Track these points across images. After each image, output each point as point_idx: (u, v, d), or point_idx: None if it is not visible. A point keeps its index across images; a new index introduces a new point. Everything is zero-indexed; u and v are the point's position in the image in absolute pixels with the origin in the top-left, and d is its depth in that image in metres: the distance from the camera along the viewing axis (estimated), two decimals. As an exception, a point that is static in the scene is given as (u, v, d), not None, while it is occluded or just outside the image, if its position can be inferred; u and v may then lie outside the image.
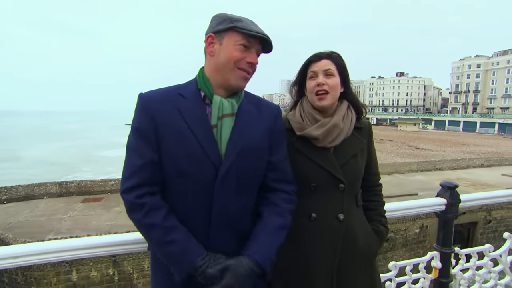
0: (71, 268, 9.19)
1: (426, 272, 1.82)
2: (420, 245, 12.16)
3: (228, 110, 1.05)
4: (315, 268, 1.22)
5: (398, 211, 1.68)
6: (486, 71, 76.92)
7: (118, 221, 11.78)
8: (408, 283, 1.78)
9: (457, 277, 1.89)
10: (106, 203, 13.84)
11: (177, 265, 0.98)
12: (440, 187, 1.84)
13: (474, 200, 1.89)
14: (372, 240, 1.31)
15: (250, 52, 1.04)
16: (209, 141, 1.02)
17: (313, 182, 1.25)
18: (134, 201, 0.99)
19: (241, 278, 0.95)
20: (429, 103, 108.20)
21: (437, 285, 1.83)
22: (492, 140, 43.23)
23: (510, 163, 22.23)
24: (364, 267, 1.28)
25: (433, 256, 1.81)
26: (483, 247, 1.98)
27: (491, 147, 33.84)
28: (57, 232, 10.15)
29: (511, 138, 47.19)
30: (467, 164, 21.23)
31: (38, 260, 1.15)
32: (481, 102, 78.13)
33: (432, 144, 37.83)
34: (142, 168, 1.00)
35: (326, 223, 1.24)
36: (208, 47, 1.05)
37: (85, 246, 1.20)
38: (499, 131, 56.12)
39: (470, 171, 19.81)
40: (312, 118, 1.29)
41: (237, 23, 1.01)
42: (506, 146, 35.53)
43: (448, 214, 1.76)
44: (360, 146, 1.33)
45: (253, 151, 1.08)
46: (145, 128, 1.02)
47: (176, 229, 0.99)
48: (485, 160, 22.46)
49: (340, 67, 1.29)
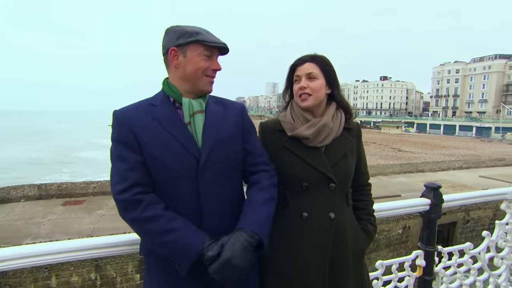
0: (50, 274, 8.82)
1: (411, 271, 1.86)
2: (403, 245, 12.43)
3: (198, 108, 1.15)
4: (307, 265, 1.23)
5: (385, 211, 1.71)
6: (464, 77, 79.77)
7: (101, 224, 11.46)
8: (394, 281, 1.82)
9: (439, 274, 1.95)
10: (88, 206, 13.45)
11: (182, 253, 1.00)
12: (424, 188, 1.89)
13: (456, 200, 1.95)
14: (361, 238, 1.34)
15: (212, 60, 1.15)
16: (185, 136, 1.11)
17: (305, 181, 1.27)
18: (130, 198, 1.01)
19: (237, 251, 0.99)
20: (411, 106, 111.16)
21: (421, 282, 1.87)
22: (470, 143, 44.79)
23: (486, 165, 23.06)
24: (354, 264, 1.31)
25: (417, 254, 1.86)
26: (464, 245, 2.04)
27: (469, 150, 35.06)
28: (35, 237, 9.74)
29: (487, 141, 49.05)
30: (447, 166, 21.87)
31: (15, 265, 1.11)
32: (460, 106, 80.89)
33: (414, 146, 38.83)
34: (130, 171, 1.05)
35: (317, 222, 1.26)
36: (173, 60, 1.13)
37: (66, 249, 1.17)
38: (476, 134, 58.22)
39: (450, 173, 20.40)
40: (303, 119, 1.32)
41: (198, 36, 1.10)
42: (482, 148, 36.88)
43: (432, 214, 1.81)
44: (350, 146, 1.35)
45: (225, 140, 1.17)
46: (125, 138, 1.08)
47: (177, 218, 1.04)
48: (463, 163, 23.22)
49: (324, 69, 1.32)
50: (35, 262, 1.14)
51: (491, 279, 2.17)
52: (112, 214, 12.60)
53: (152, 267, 1.12)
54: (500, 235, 2.15)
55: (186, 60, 1.12)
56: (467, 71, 79.42)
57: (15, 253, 1.11)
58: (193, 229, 1.05)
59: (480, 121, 61.52)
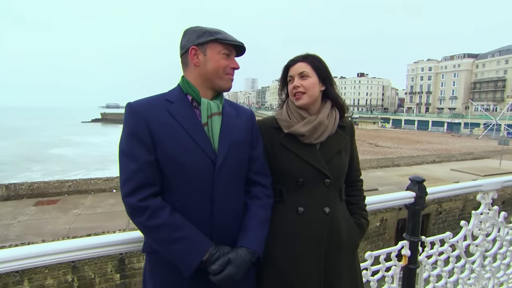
0: (22, 278, 8.41)
1: (397, 260, 1.94)
2: (380, 237, 12.90)
3: (215, 110, 1.16)
4: (304, 258, 1.27)
5: (374, 204, 1.77)
6: (436, 74, 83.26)
7: (77, 224, 11.07)
8: (382, 271, 1.89)
9: (423, 263, 2.04)
10: (63, 205, 12.94)
11: (185, 262, 1.02)
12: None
13: (439, 193, 2.04)
14: (355, 232, 1.38)
15: (231, 59, 1.18)
16: (202, 137, 1.12)
17: (300, 177, 1.30)
18: (137, 204, 1.01)
19: (240, 270, 1.07)
20: (387, 102, 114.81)
21: (406, 271, 1.96)
22: (442, 138, 46.94)
23: (457, 159, 24.33)
24: (347, 257, 1.35)
25: (403, 245, 1.94)
26: (444, 235, 2.16)
27: (441, 145, 36.77)
28: (4, 240, 9.22)
29: (457, 136, 51.61)
30: (421, 161, 22.88)
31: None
32: (433, 102, 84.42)
33: (390, 142, 40.19)
34: (137, 171, 1.03)
35: (313, 216, 1.29)
36: (193, 58, 1.15)
37: (43, 252, 1.09)
38: (448, 129, 61.04)
39: (423, 166, 21.36)
40: (299, 116, 1.35)
41: (218, 35, 1.13)
42: (453, 143, 38.79)
43: (417, 206, 1.90)
44: (344, 143, 1.40)
45: (239, 145, 1.20)
46: (140, 132, 1.06)
47: (182, 226, 1.04)
48: (436, 157, 24.36)
49: (315, 67, 1.35)
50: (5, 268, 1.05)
51: (467, 265, 2.30)
52: (89, 213, 12.20)
53: (155, 265, 1.12)
54: (476, 224, 2.28)
55: (206, 58, 1.14)
56: (439, 69, 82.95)
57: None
58: (198, 238, 1.05)
59: (450, 117, 64.51)
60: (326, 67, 1.38)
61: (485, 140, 42.59)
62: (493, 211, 2.34)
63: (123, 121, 1.11)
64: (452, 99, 79.98)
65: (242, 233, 1.15)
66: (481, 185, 2.24)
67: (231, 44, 1.16)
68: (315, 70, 1.35)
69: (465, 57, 78.22)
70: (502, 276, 2.54)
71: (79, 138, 54.66)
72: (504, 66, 70.23)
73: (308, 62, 1.35)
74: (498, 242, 2.45)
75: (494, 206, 2.34)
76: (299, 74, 1.34)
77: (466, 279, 2.29)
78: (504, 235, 2.47)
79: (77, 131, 65.97)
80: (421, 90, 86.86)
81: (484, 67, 74.76)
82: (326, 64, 1.38)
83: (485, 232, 2.33)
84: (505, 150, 24.40)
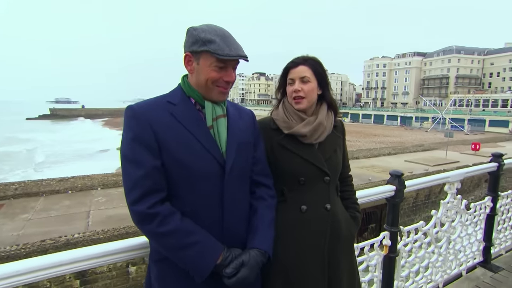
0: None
1: (380, 250, 2.07)
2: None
3: (220, 112, 1.14)
4: (309, 253, 1.31)
5: (360, 199, 1.86)
6: (390, 70, 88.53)
7: (28, 230, 10.22)
8: (366, 261, 2.00)
9: (400, 251, 2.20)
10: (8, 210, 11.84)
11: (199, 267, 1.01)
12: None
13: (415, 185, 2.21)
14: (351, 225, 1.45)
15: (226, 71, 1.09)
16: (208, 140, 1.09)
17: (302, 176, 1.33)
18: (146, 211, 0.97)
19: (254, 269, 1.07)
20: (346, 97, 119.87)
21: (387, 259, 2.10)
22: (396, 131, 50.23)
23: (410, 151, 26.24)
24: (347, 248, 1.43)
25: (384, 235, 2.07)
26: (418, 224, 2.34)
27: (396, 137, 39.33)
28: None
29: (410, 129, 55.56)
30: (378, 153, 24.31)
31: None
32: (387, 97, 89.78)
33: (349, 135, 42.07)
34: (144, 178, 0.99)
35: (316, 213, 1.34)
36: (187, 65, 1.11)
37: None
38: (401, 123, 65.38)
39: (380, 158, 22.74)
40: (298, 117, 1.38)
41: (210, 46, 1.03)
42: (406, 136, 41.71)
43: (396, 199, 2.04)
44: (339, 142, 1.46)
45: (245, 147, 1.19)
46: (145, 136, 1.01)
47: (194, 231, 1.02)
48: (392, 149, 26.05)
49: (316, 72, 1.38)
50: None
51: (436, 250, 2.52)
52: (41, 217, 11.29)
53: (164, 273, 1.08)
54: (443, 212, 2.51)
55: (199, 67, 1.08)
56: (392, 66, 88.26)
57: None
58: (210, 242, 1.04)
59: (403, 111, 69.17)
60: (325, 72, 1.42)
61: (433, 133, 46.29)
62: (457, 200, 2.58)
63: (124, 125, 1.05)
64: (404, 94, 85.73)
65: (253, 234, 1.15)
66: (448, 177, 2.46)
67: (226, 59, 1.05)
68: (315, 75, 1.37)
69: (415, 55, 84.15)
70: (462, 257, 2.82)
71: (25, 135, 50.11)
72: (447, 65, 76.81)
73: (309, 66, 1.37)
74: (460, 227, 2.71)
75: (458, 195, 2.58)
76: (300, 78, 1.36)
77: (435, 262, 2.51)
78: (465, 221, 2.75)
79: (25, 129, 60.28)
80: (376, 86, 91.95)
81: (431, 65, 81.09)
82: (324, 68, 1.42)
83: (450, 219, 2.56)
84: (450, 142, 26.79)
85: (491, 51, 76.93)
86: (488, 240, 2.99)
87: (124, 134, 1.04)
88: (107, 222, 10.85)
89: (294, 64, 1.38)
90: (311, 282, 1.29)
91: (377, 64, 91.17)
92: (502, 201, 3.14)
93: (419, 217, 16.21)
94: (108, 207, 12.31)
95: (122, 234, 9.94)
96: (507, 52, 72.30)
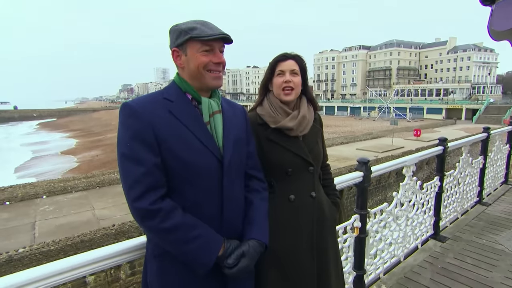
0: None
1: (352, 232, 2.23)
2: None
3: (216, 108, 1.17)
4: (300, 238, 1.40)
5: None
6: (338, 63, 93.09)
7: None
8: (340, 243, 2.15)
9: (369, 232, 2.39)
10: None
11: (201, 260, 1.03)
12: (357, 162, 2.26)
13: (379, 170, 2.41)
14: (333, 210, 1.57)
15: (214, 53, 1.12)
16: (206, 135, 1.12)
17: (289, 167, 1.41)
18: (148, 208, 0.98)
19: (253, 259, 1.13)
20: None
21: (358, 240, 2.28)
22: (347, 121, 53.12)
23: (360, 139, 28.00)
24: (332, 232, 1.54)
25: (355, 218, 2.23)
26: (382, 206, 2.57)
27: (347, 127, 41.64)
28: None
29: (359, 119, 59.18)
30: (332, 143, 25.57)
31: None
32: (337, 89, 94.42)
33: (305, 126, 43.60)
34: (145, 175, 0.99)
35: (303, 201, 1.43)
36: (177, 60, 1.13)
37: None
38: (350, 113, 69.31)
39: (334, 148, 23.93)
40: (283, 111, 1.44)
41: (193, 32, 1.08)
42: (356, 125, 44.38)
43: (365, 184, 2.20)
44: (319, 134, 1.56)
45: (240, 142, 1.23)
46: (144, 133, 1.02)
47: (196, 225, 1.05)
48: (344, 138, 27.56)
49: (302, 68, 1.47)
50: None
51: (397, 227, 2.78)
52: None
53: (165, 268, 1.08)
54: (403, 193, 2.77)
55: (187, 58, 1.11)
56: (340, 59, 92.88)
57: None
58: (212, 235, 1.07)
59: (352, 102, 73.38)
60: (307, 70, 1.51)
61: (380, 121, 49.86)
62: (413, 181, 2.87)
63: (121, 123, 1.04)
64: (352, 86, 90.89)
65: (250, 225, 1.19)
66: (405, 161, 2.72)
67: (210, 39, 1.09)
68: (301, 71, 1.47)
69: (361, 48, 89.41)
70: (418, 232, 3.15)
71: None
72: (389, 57, 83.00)
73: (296, 61, 1.45)
74: (416, 206, 3.02)
75: (414, 177, 2.86)
76: (291, 71, 1.43)
77: (397, 239, 2.77)
78: (419, 200, 3.06)
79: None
80: (326, 78, 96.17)
81: (375, 57, 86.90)
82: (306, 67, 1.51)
83: (408, 199, 2.84)
84: (395, 129, 29.13)
85: (425, 45, 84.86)
86: (437, 215, 3.37)
87: (121, 132, 1.04)
88: (57, 232, 10.01)
89: (284, 58, 1.45)
90: (304, 266, 1.38)
91: (326, 57, 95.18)
92: (447, 179, 3.55)
93: (371, 201, 17.46)
94: (57, 216, 11.35)
95: (76, 243, 9.26)
96: (437, 46, 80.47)
